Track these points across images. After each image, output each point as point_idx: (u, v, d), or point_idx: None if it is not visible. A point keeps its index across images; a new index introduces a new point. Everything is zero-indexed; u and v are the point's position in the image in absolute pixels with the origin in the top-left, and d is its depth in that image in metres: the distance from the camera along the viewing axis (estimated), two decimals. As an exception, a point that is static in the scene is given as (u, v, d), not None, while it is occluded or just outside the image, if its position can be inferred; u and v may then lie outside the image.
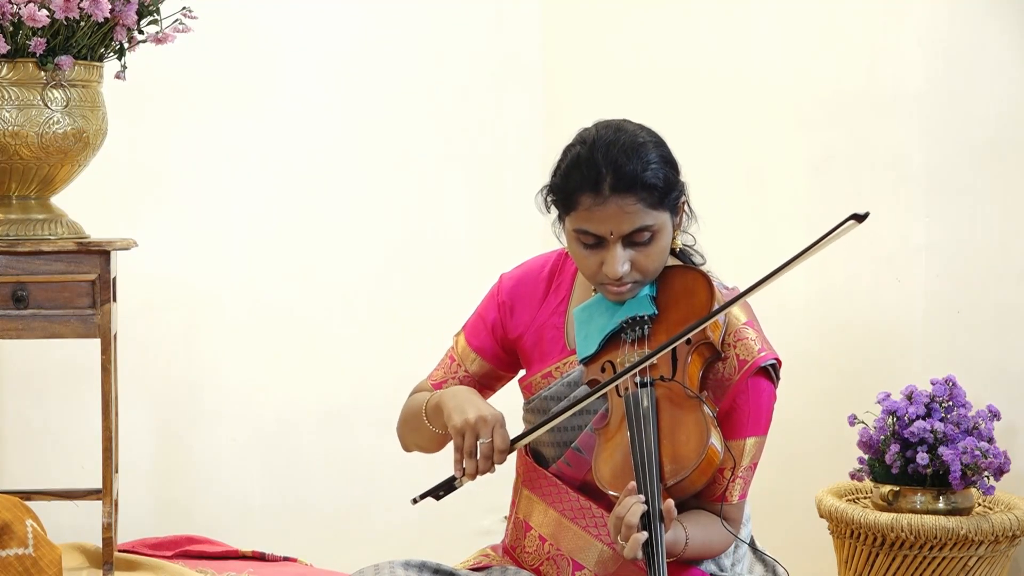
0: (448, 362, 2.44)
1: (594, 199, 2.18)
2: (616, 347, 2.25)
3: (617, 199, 2.17)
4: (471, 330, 2.43)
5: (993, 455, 3.25)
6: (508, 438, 2.19)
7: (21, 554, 2.58)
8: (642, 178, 2.17)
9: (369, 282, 3.98)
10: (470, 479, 2.20)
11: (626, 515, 2.05)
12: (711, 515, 2.23)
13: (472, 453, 2.18)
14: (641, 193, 2.17)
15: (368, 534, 3.92)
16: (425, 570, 2.28)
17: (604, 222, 2.18)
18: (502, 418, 2.21)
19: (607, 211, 2.18)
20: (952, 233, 3.57)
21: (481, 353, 2.41)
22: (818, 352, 3.72)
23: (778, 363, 2.27)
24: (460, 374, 2.42)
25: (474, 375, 2.41)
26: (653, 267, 2.23)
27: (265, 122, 3.87)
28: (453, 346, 2.44)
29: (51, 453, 3.69)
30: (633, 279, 2.23)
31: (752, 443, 2.23)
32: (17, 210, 3.13)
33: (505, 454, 2.19)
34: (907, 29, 3.60)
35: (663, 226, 2.22)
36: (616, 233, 2.19)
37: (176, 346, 3.80)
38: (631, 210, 2.18)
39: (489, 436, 2.18)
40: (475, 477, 2.19)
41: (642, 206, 2.18)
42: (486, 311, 2.42)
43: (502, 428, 2.19)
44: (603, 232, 2.19)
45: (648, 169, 2.18)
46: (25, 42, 2.99)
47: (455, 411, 2.21)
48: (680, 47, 3.99)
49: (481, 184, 4.12)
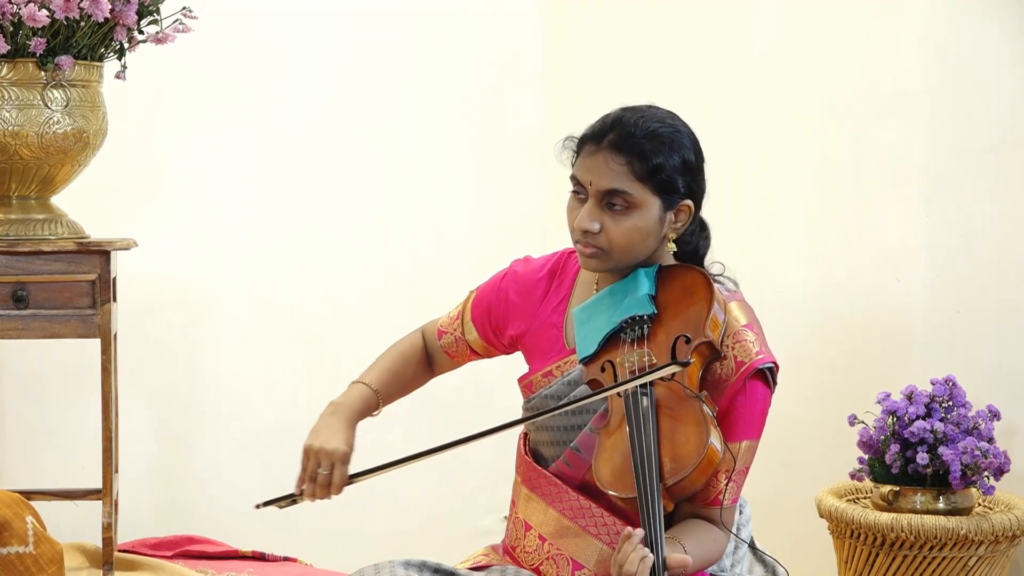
0: (455, 317, 2.49)
1: (591, 148, 2.25)
2: (616, 347, 2.25)
3: (608, 153, 2.23)
4: (477, 300, 2.47)
5: (993, 455, 3.25)
6: (345, 476, 2.30)
7: (21, 552, 2.58)
8: (638, 145, 2.21)
9: (369, 282, 3.98)
10: (309, 499, 2.30)
11: (625, 563, 2.05)
12: (703, 524, 2.23)
13: (312, 478, 2.30)
14: (630, 157, 2.21)
15: (368, 534, 3.92)
16: (425, 569, 2.28)
17: (589, 171, 2.24)
18: (345, 455, 2.30)
19: (596, 161, 2.23)
20: (952, 233, 3.57)
21: (477, 327, 2.46)
22: (818, 352, 3.72)
23: (776, 367, 2.26)
24: (458, 334, 2.48)
25: (471, 343, 2.47)
26: (621, 242, 2.24)
27: (265, 122, 3.87)
28: (465, 301, 2.49)
29: (51, 453, 3.69)
30: (598, 243, 2.24)
31: (746, 446, 2.23)
32: (17, 210, 3.13)
33: (340, 488, 2.30)
34: (907, 29, 3.60)
35: (642, 204, 2.22)
36: (595, 185, 2.23)
37: (176, 346, 3.80)
38: (616, 167, 2.22)
39: (327, 470, 2.29)
40: (313, 500, 2.30)
41: (627, 170, 2.21)
42: (489, 291, 2.45)
43: (342, 465, 2.30)
44: (585, 181, 2.24)
45: (649, 140, 2.22)
46: (25, 42, 2.99)
47: (313, 431, 2.35)
48: (680, 47, 3.99)
49: (481, 184, 4.12)
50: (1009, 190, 3.49)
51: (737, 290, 2.33)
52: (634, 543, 2.06)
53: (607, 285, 2.32)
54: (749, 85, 3.86)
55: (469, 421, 3.31)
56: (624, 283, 2.29)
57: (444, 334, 2.50)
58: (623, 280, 2.29)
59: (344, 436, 2.33)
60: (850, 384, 3.66)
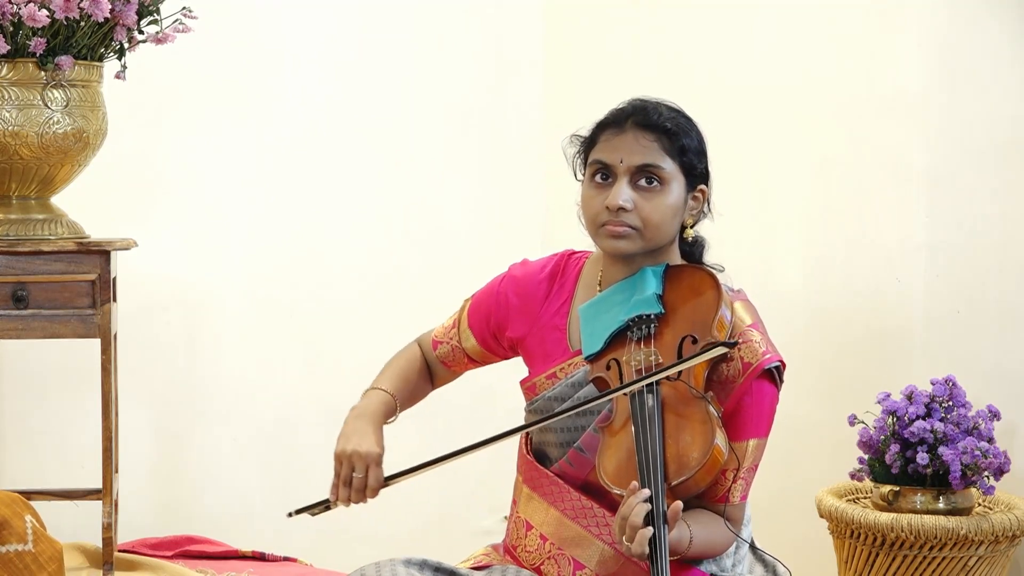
0: (450, 326, 2.49)
1: (614, 131, 2.27)
2: (622, 345, 2.25)
3: (636, 131, 2.25)
4: (474, 306, 2.46)
5: (993, 455, 3.25)
6: (381, 477, 2.28)
7: (21, 550, 2.58)
8: (663, 123, 2.25)
9: (369, 282, 3.98)
10: (344, 505, 2.28)
11: (630, 515, 2.06)
12: (713, 515, 2.23)
13: (347, 482, 2.27)
14: (659, 134, 2.25)
15: (368, 534, 3.92)
16: (426, 568, 2.28)
17: (618, 149, 2.25)
18: (378, 456, 2.28)
19: (624, 140, 2.25)
20: (952, 233, 3.57)
21: (475, 334, 2.45)
22: (818, 352, 3.72)
23: (782, 365, 2.27)
24: (454, 343, 2.47)
25: (468, 351, 2.47)
26: (655, 219, 2.24)
27: (265, 122, 3.87)
28: (460, 310, 2.49)
29: (51, 453, 3.69)
30: (632, 222, 2.24)
31: (754, 445, 2.23)
32: (17, 210, 3.13)
33: (376, 491, 2.28)
34: (907, 29, 3.60)
35: (673, 180, 2.25)
36: (627, 162, 2.24)
37: (176, 346, 3.80)
38: (645, 143, 2.24)
39: (363, 472, 2.26)
40: (348, 505, 2.28)
41: (658, 146, 2.24)
42: (487, 296, 2.44)
43: (377, 467, 2.27)
44: (614, 160, 2.25)
45: (671, 119, 2.26)
46: (25, 42, 2.99)
47: (342, 436, 2.31)
48: (680, 47, 3.99)
49: (481, 184, 4.12)
50: (1009, 190, 3.49)
51: (740, 290, 2.33)
52: (640, 497, 2.07)
53: (611, 285, 2.32)
54: (749, 85, 3.86)
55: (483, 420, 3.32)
56: (631, 282, 2.29)
57: (440, 344, 2.49)
58: (630, 279, 2.29)
59: (375, 438, 2.31)
60: (850, 384, 3.66)
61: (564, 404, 2.29)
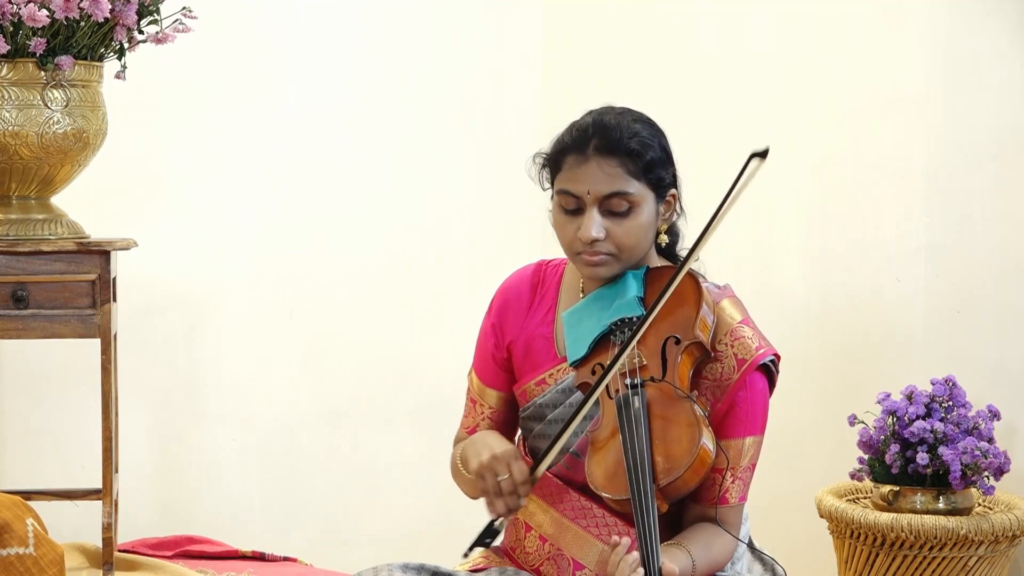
0: (470, 405, 2.44)
1: (577, 159, 2.23)
2: (606, 349, 2.25)
3: (599, 159, 2.21)
4: (478, 366, 2.43)
5: (993, 455, 3.25)
6: (525, 470, 2.20)
7: (22, 553, 2.57)
8: (627, 144, 2.21)
9: (369, 281, 3.98)
10: (505, 516, 2.21)
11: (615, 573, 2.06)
12: (710, 528, 2.23)
13: (498, 492, 2.20)
14: (623, 158, 2.21)
15: (368, 534, 3.92)
16: (424, 572, 2.28)
17: (583, 181, 2.22)
18: (514, 452, 2.22)
19: (588, 170, 2.22)
20: (952, 233, 3.57)
21: (495, 386, 2.41)
22: (818, 352, 3.72)
23: (777, 358, 2.27)
24: (486, 412, 2.42)
25: (498, 409, 2.41)
26: (629, 243, 2.24)
27: (265, 122, 3.86)
28: (469, 386, 2.44)
29: (51, 453, 3.69)
30: (607, 250, 2.23)
31: (750, 442, 2.23)
32: (17, 210, 3.13)
33: (528, 485, 2.20)
34: (907, 29, 3.60)
35: (643, 201, 2.23)
36: (593, 193, 2.21)
37: (176, 346, 3.80)
38: (611, 172, 2.21)
39: (506, 472, 2.19)
40: (509, 513, 2.21)
41: (623, 171, 2.21)
42: (485, 340, 2.41)
43: (517, 461, 2.20)
44: (581, 191, 2.22)
45: (634, 138, 2.22)
46: (25, 42, 2.99)
47: (472, 457, 2.23)
48: (680, 47, 3.99)
49: (481, 183, 4.12)
50: (1009, 190, 3.49)
51: (726, 286, 2.33)
52: (621, 552, 2.07)
53: (593, 290, 2.32)
54: (748, 85, 3.86)
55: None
56: (612, 286, 2.29)
57: (476, 427, 2.42)
58: (611, 284, 2.29)
59: (500, 439, 2.26)
60: (850, 384, 3.66)
61: (557, 413, 2.30)
